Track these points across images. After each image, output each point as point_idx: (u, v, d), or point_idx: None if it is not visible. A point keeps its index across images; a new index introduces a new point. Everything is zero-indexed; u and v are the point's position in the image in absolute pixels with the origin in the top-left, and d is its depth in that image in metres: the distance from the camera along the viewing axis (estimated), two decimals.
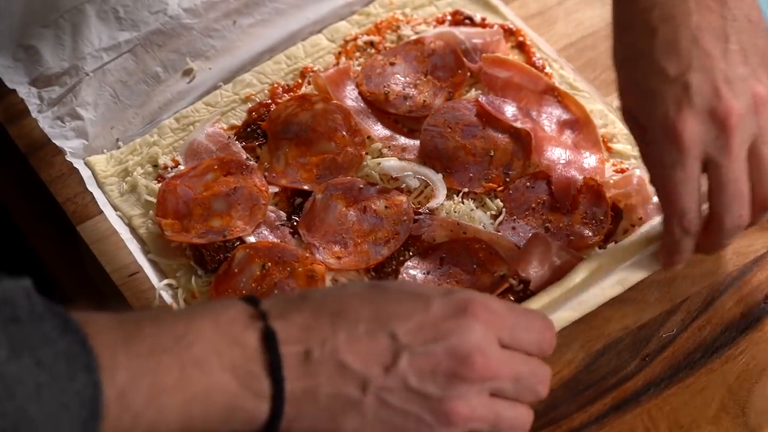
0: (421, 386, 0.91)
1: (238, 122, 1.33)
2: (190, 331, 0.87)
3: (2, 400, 0.77)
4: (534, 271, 1.18)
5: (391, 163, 1.28)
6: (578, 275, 1.14)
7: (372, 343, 0.90)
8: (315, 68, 1.36)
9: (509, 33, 1.39)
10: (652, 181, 1.07)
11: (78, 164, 1.31)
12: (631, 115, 1.08)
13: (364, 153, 1.29)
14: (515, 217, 1.24)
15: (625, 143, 1.28)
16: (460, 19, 1.40)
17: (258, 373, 0.87)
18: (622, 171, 1.26)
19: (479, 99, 1.31)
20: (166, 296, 1.21)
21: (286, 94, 1.34)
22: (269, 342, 0.88)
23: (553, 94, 1.32)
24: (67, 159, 1.31)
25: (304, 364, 0.89)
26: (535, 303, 1.13)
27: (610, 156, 1.28)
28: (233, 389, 0.87)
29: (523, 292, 1.18)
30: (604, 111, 1.31)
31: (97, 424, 0.81)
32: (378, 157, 1.29)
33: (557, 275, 1.17)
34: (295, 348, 0.89)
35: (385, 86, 1.33)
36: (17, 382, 0.78)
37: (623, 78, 1.08)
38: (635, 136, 1.09)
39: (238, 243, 1.23)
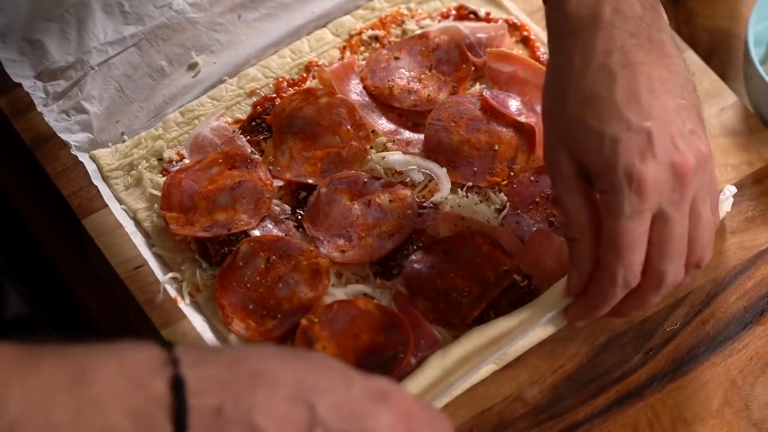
0: None
1: (243, 116, 1.33)
2: (91, 368, 0.84)
3: None
4: (536, 267, 1.18)
5: (395, 157, 1.28)
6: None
7: (290, 410, 0.88)
8: (320, 62, 1.37)
9: (514, 27, 1.39)
10: (604, 232, 1.02)
11: (83, 158, 1.31)
12: (572, 159, 1.04)
13: (368, 147, 1.29)
14: (519, 211, 1.24)
15: None
16: (464, 13, 1.40)
17: (160, 421, 0.84)
18: None
19: (483, 93, 1.31)
20: (171, 290, 1.21)
21: (290, 89, 1.34)
22: (177, 390, 0.85)
23: None
24: (73, 152, 1.31)
25: (213, 419, 0.86)
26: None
27: None
28: None
29: (528, 288, 1.19)
30: None
31: None
32: (382, 151, 1.29)
33: (559, 270, 1.17)
34: (206, 400, 0.86)
35: (389, 80, 1.33)
36: None
37: (574, 121, 1.04)
38: (565, 179, 1.05)
39: (242, 236, 1.23)
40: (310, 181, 1.27)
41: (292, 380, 0.89)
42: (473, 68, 1.35)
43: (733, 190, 1.23)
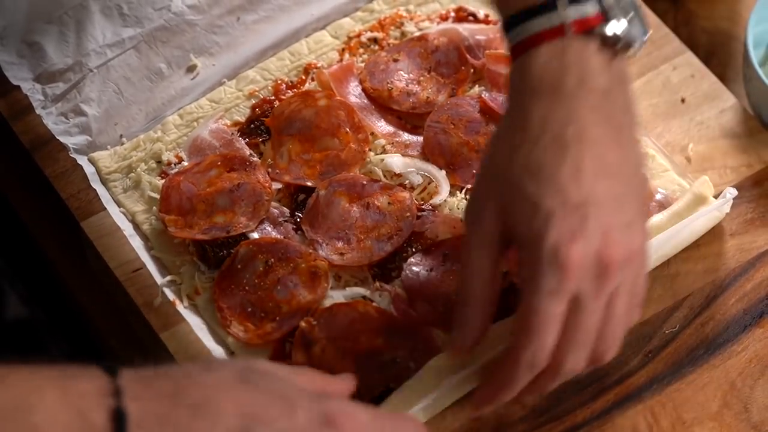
0: None
1: (242, 118, 1.33)
2: (32, 395, 0.83)
3: None
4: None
5: (394, 159, 1.28)
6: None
7: None
8: (318, 65, 1.36)
9: None
10: (518, 308, 1.00)
11: (82, 160, 1.31)
12: (499, 218, 1.01)
13: (367, 149, 1.29)
14: None
15: None
16: (463, 15, 1.40)
17: None
18: None
19: (482, 95, 1.31)
20: (169, 292, 1.21)
21: (289, 91, 1.34)
22: (119, 423, 0.84)
23: None
24: (71, 155, 1.31)
25: None
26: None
27: None
28: None
29: None
30: None
31: None
32: (381, 153, 1.29)
33: None
34: None
35: (388, 83, 1.33)
36: None
37: (514, 184, 1.00)
38: (483, 234, 1.02)
39: (241, 239, 1.23)
40: (309, 183, 1.27)
41: (235, 411, 0.88)
42: (472, 70, 1.35)
43: (734, 192, 1.23)
